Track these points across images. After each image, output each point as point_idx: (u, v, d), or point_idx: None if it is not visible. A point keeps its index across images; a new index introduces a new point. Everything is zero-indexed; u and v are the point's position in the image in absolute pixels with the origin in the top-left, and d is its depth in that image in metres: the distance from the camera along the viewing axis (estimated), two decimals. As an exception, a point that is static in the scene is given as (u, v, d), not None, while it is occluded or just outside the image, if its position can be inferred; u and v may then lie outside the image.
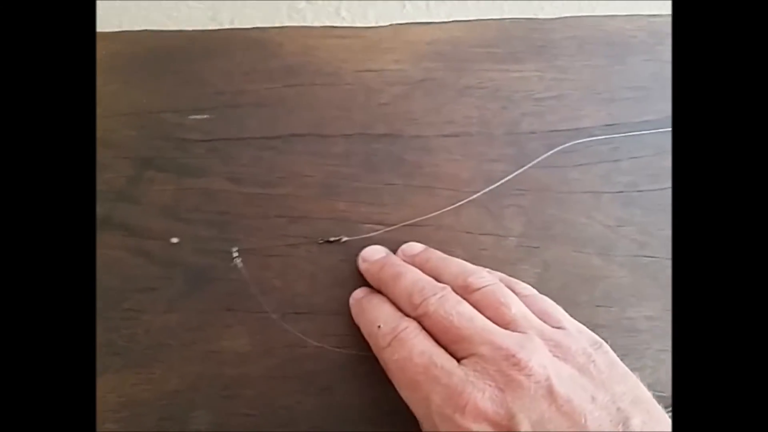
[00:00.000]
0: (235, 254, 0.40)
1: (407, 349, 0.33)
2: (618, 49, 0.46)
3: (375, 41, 0.45)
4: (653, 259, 0.42)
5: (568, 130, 0.44)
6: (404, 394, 0.33)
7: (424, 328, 0.34)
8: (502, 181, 0.43)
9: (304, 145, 0.42)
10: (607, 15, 0.47)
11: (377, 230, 0.41)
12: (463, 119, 0.44)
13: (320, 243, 0.40)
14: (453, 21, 0.47)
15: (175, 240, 0.40)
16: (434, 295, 0.34)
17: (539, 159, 0.43)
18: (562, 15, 0.47)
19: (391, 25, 0.46)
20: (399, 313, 0.35)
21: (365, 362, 0.38)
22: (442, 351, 0.32)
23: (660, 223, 0.42)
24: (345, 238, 0.41)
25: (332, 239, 0.40)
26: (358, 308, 0.38)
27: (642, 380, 0.35)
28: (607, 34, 0.46)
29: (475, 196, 0.42)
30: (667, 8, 0.48)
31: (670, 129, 0.44)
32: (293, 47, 0.44)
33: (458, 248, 0.41)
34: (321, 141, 0.42)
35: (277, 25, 0.47)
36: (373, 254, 0.39)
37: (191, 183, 0.41)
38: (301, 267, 0.40)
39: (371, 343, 0.36)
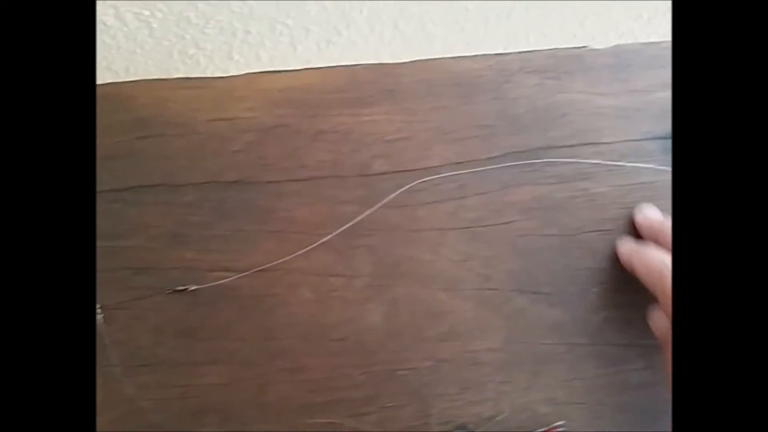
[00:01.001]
0: (99, 311, 0.40)
1: None
2: (466, 90, 0.48)
3: (228, 90, 0.46)
4: (496, 291, 0.43)
5: (417, 169, 0.45)
6: None
7: None
8: (352, 222, 0.44)
9: (153, 196, 0.43)
10: (454, 57, 0.49)
11: (227, 277, 0.42)
12: (316, 163, 0.45)
13: (168, 293, 0.41)
14: (305, 69, 0.48)
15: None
16: None
17: (387, 199, 0.44)
18: (412, 59, 0.49)
19: (245, 74, 0.47)
20: None
21: (208, 413, 0.38)
22: None
23: (503, 255, 0.44)
24: (193, 287, 0.41)
25: (180, 288, 0.41)
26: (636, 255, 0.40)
27: (483, 413, 0.37)
28: (455, 75, 0.48)
29: (325, 239, 0.44)
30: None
31: (514, 163, 0.46)
32: (146, 99, 0.45)
33: (307, 291, 0.42)
34: (171, 191, 0.43)
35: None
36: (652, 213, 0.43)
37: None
38: (146, 319, 0.40)
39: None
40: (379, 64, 0.49)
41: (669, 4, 0.57)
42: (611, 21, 0.58)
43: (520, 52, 0.49)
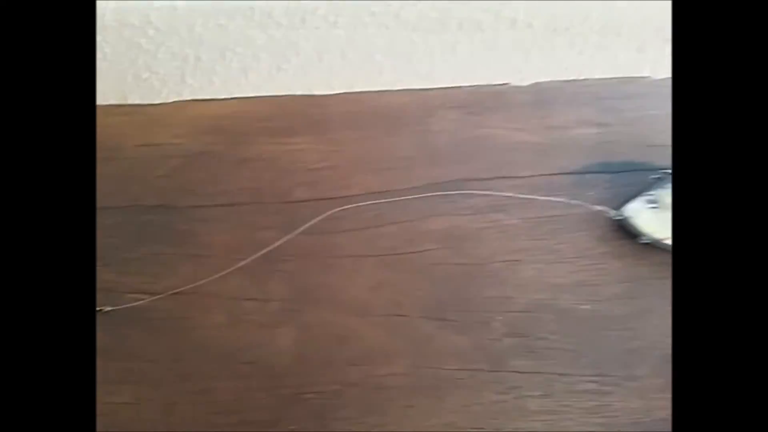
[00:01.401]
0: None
1: None
2: (389, 122, 0.50)
3: (158, 117, 0.48)
4: (405, 318, 0.45)
5: (338, 197, 0.47)
6: None
7: None
8: (270, 248, 0.45)
9: (75, 219, 0.44)
10: (382, 90, 0.51)
11: (142, 299, 0.43)
12: (238, 190, 0.47)
13: (83, 313, 0.42)
14: (234, 98, 0.50)
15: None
16: None
17: (306, 226, 0.46)
18: (340, 92, 0.51)
19: (174, 101, 0.49)
20: None
21: None
22: None
23: (415, 283, 0.45)
24: (108, 308, 0.43)
25: (96, 309, 0.42)
26: None
27: None
28: (380, 108, 0.50)
29: (242, 263, 0.45)
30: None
31: (431, 194, 0.47)
32: (77, 124, 0.47)
33: (221, 314, 0.44)
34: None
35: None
36: None
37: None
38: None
39: None
40: (307, 95, 0.51)
41: (613, 40, 0.59)
42: (555, 57, 0.60)
43: (443, 88, 0.51)
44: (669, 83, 0.48)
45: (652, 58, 0.59)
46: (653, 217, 0.45)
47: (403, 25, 0.54)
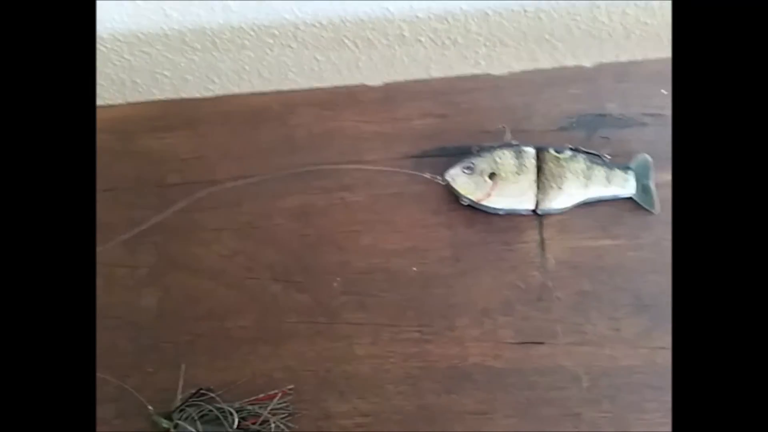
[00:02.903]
0: None
1: None
2: (255, 119, 0.58)
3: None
4: (256, 280, 0.52)
5: (205, 181, 0.55)
6: None
7: None
8: (145, 225, 0.53)
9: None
10: (252, 93, 0.60)
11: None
12: (120, 177, 0.55)
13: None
14: (128, 103, 0.59)
15: None
16: None
17: (177, 206, 0.54)
18: (217, 94, 0.60)
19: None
20: None
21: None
22: None
23: (267, 251, 0.53)
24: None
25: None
26: None
27: (226, 378, 0.45)
28: (248, 108, 0.58)
29: (123, 237, 0.53)
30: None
31: (287, 174, 0.55)
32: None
33: (99, 279, 0.51)
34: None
35: None
36: None
37: None
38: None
39: None
40: (186, 98, 0.59)
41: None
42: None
43: (303, 90, 0.60)
44: (507, 79, 0.57)
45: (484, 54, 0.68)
46: (468, 180, 0.52)
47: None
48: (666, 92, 0.55)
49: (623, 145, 0.54)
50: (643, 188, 0.52)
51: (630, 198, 0.52)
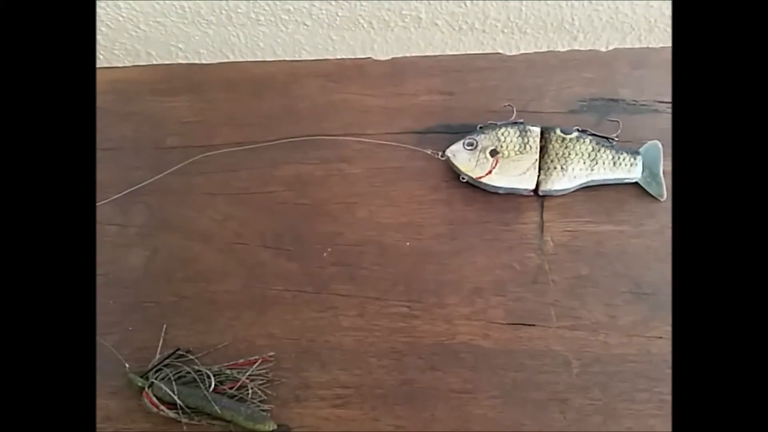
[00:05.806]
0: None
1: None
2: (259, 87, 0.57)
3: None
4: (245, 246, 0.51)
5: (203, 146, 0.54)
6: None
7: None
8: (140, 185, 0.53)
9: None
10: (255, 60, 0.59)
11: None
12: (120, 137, 0.55)
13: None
14: (133, 66, 0.59)
15: None
16: None
17: (173, 169, 0.53)
18: (221, 61, 0.59)
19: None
20: None
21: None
22: None
23: (259, 217, 0.52)
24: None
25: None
26: None
27: (207, 341, 0.44)
28: (252, 76, 0.58)
29: (115, 197, 0.53)
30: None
31: (285, 143, 0.54)
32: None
33: (87, 235, 0.50)
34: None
35: None
36: None
37: None
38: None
39: None
40: (192, 63, 0.59)
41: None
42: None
43: (311, 60, 0.59)
44: (519, 59, 0.55)
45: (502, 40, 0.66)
46: (469, 157, 0.50)
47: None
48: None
49: (634, 131, 0.52)
50: (651, 175, 0.49)
51: (636, 184, 0.49)
